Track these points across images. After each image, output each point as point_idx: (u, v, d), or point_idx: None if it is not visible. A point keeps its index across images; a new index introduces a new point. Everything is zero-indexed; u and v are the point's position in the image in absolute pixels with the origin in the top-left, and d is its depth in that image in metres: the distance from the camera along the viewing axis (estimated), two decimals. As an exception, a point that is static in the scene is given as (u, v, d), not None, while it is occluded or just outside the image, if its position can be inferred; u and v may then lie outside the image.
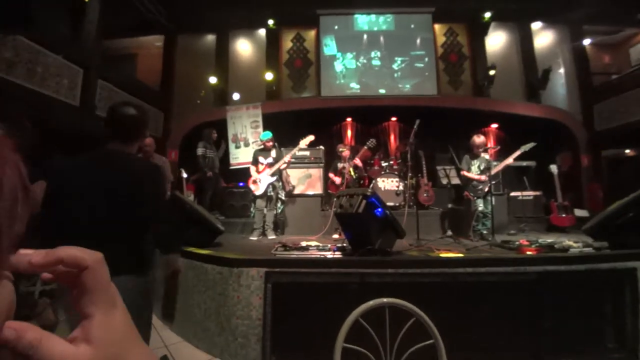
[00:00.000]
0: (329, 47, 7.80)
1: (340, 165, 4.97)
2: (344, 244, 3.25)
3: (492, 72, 7.14)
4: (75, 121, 5.15)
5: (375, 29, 7.88)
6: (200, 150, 5.68)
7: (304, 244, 3.38)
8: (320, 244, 3.38)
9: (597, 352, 2.46)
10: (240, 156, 6.83)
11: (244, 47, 8.09)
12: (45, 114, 4.61)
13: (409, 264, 2.58)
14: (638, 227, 2.76)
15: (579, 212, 5.60)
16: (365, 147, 4.89)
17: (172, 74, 7.88)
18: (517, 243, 3.32)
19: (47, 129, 4.90)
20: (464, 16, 7.77)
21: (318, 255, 2.85)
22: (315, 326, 2.37)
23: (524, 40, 7.80)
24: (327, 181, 5.46)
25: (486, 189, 4.22)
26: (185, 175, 5.67)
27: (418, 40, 7.75)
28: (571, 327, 2.46)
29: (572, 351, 2.43)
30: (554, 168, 5.64)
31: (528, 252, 2.88)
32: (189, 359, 2.55)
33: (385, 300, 1.33)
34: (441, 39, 7.91)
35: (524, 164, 6.31)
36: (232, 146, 6.90)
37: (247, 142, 6.90)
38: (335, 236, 4.46)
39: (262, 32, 7.95)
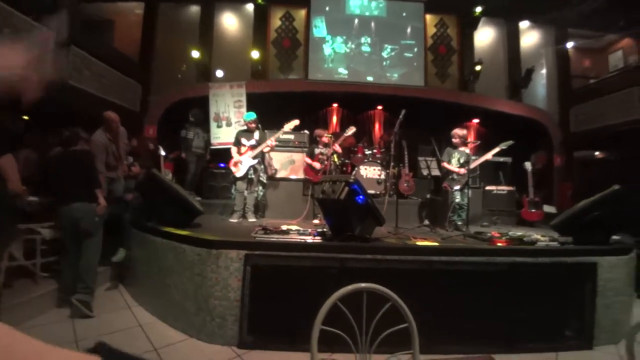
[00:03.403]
0: (319, 28, 7.62)
1: (317, 150, 4.92)
2: (325, 229, 3.28)
3: (478, 68, 7.25)
4: (46, 90, 4.82)
5: (367, 13, 7.75)
6: (182, 132, 5.91)
7: (284, 227, 3.39)
8: (301, 229, 3.39)
9: (556, 340, 2.65)
10: (222, 136, 6.65)
11: (229, 22, 7.75)
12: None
13: (387, 251, 2.64)
14: (602, 225, 2.93)
15: (548, 208, 5.89)
16: (345, 135, 4.86)
17: (152, 44, 7.46)
18: (489, 235, 3.46)
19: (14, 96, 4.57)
20: (456, 8, 7.77)
21: (298, 240, 2.86)
22: (294, 309, 2.41)
23: (511, 38, 7.92)
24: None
25: (463, 182, 4.35)
26: (163, 153, 5.48)
27: (409, 29, 7.71)
28: (536, 316, 2.62)
29: (535, 338, 2.60)
30: (528, 165, 5.86)
31: (499, 244, 3.01)
32: (164, 338, 2.53)
33: (363, 285, 1.36)
34: (431, 30, 7.90)
35: (501, 159, 6.52)
36: (213, 125, 6.70)
37: (229, 121, 6.71)
38: (316, 221, 4.49)
39: (250, 7, 7.64)
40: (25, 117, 5.75)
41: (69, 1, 5.24)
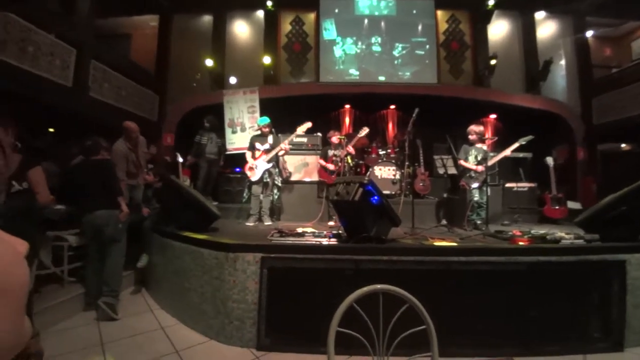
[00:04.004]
0: (329, 31, 7.64)
1: (331, 152, 4.93)
2: (340, 231, 3.27)
3: (493, 62, 7.07)
4: (69, 102, 5.05)
5: (377, 13, 7.71)
6: (196, 137, 5.97)
7: (299, 230, 3.40)
8: (316, 231, 3.40)
9: (582, 341, 2.54)
10: (237, 141, 6.77)
11: (241, 29, 7.89)
12: (38, 95, 4.50)
13: (403, 252, 2.61)
14: (629, 220, 2.79)
15: (572, 205, 5.67)
16: (358, 136, 4.85)
17: (167, 55, 7.69)
18: (510, 233, 3.36)
19: (40, 110, 4.81)
20: (468, 3, 7.62)
21: (314, 242, 2.87)
22: (310, 311, 2.41)
23: (527, 30, 7.69)
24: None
25: (482, 180, 4.25)
26: (180, 159, 5.64)
27: (420, 27, 7.62)
28: (559, 316, 2.53)
29: (559, 340, 2.50)
30: (549, 160, 5.67)
31: (520, 243, 2.92)
32: (185, 341, 2.58)
33: (379, 286, 1.35)
34: (443, 26, 7.77)
35: (521, 155, 6.33)
36: (228, 131, 6.83)
37: (243, 127, 6.82)
38: (331, 223, 4.49)
39: (260, 13, 7.75)
40: (50, 130, 6.04)
41: (86, 17, 5.47)
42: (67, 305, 3.00)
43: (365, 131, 4.81)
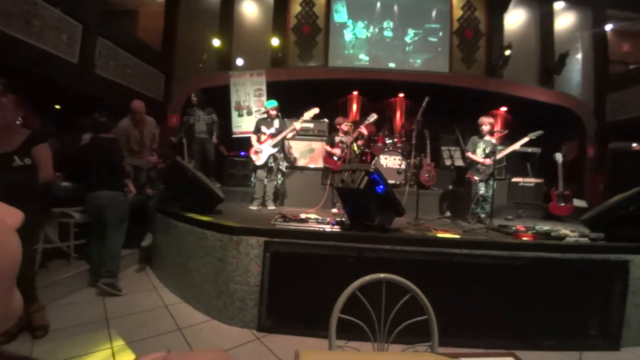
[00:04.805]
0: (340, 13, 7.45)
1: (337, 138, 4.88)
2: (343, 219, 3.28)
3: (507, 52, 6.87)
4: (74, 79, 5.01)
5: (390, -3, 7.48)
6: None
7: (303, 216, 3.41)
8: (320, 217, 3.41)
9: (580, 338, 2.55)
10: (243, 125, 6.72)
11: (249, 9, 7.71)
12: (44, 70, 4.46)
13: (406, 242, 2.61)
14: (636, 221, 2.76)
15: (578, 203, 5.61)
16: (367, 122, 4.79)
17: (174, 34, 7.54)
18: (513, 228, 3.34)
19: (46, 85, 4.78)
20: (484, -11, 7.37)
21: (317, 228, 2.88)
22: (312, 296, 2.44)
23: (544, 20, 7.44)
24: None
25: (488, 173, 4.20)
26: (185, 141, 5.61)
27: (434, 13, 7.39)
28: (559, 312, 2.54)
29: (557, 335, 2.51)
30: (558, 156, 5.57)
31: (524, 238, 2.91)
32: (187, 319, 2.64)
33: (382, 275, 1.35)
34: (458, 13, 7.52)
35: (529, 150, 6.24)
36: (234, 114, 6.78)
37: (250, 110, 6.76)
38: (335, 210, 4.50)
39: (270, -7, 7.56)
40: (57, 106, 6.02)
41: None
42: (73, 281, 3.06)
43: (373, 117, 4.74)
